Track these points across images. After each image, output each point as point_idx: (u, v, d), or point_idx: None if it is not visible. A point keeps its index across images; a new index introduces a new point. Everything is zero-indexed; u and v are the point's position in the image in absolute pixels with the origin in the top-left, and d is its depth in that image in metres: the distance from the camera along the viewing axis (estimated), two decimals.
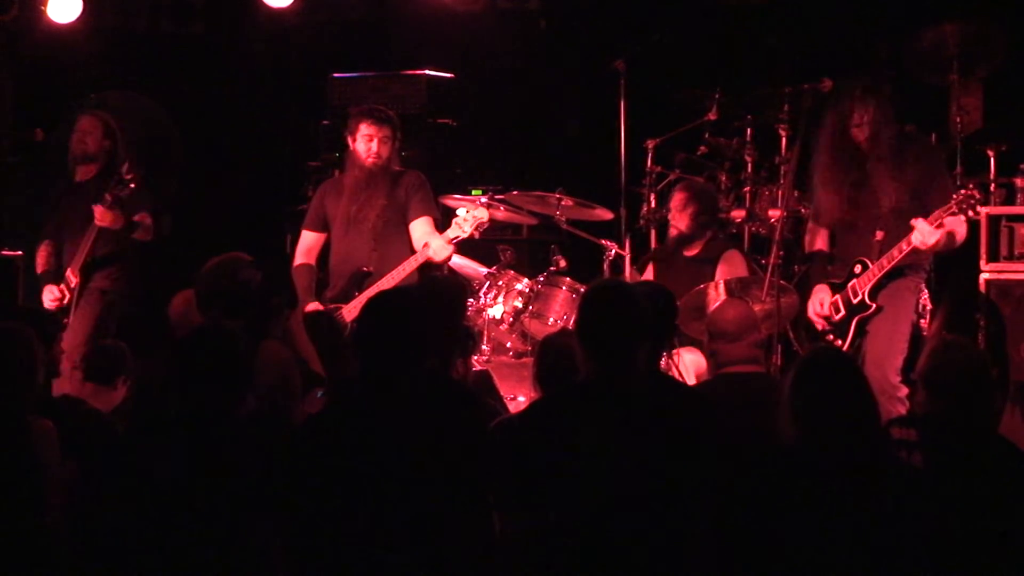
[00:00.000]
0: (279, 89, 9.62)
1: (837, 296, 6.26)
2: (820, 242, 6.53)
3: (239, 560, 4.18)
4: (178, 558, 4.15)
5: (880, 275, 6.12)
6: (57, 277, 7.36)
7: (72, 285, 7.26)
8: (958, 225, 6.06)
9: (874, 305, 6.14)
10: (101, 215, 7.18)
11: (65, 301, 7.25)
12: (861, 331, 6.19)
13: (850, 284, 6.21)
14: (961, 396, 4.26)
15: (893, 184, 6.14)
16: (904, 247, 6.02)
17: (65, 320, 7.10)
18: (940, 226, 5.94)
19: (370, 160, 6.99)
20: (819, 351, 4.39)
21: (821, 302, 6.30)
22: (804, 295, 6.58)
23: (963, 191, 5.93)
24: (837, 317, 6.25)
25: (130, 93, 9.38)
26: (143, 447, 4.33)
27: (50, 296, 7.30)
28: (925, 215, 5.98)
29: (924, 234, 5.93)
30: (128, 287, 7.49)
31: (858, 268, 6.20)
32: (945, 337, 4.63)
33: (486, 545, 4.17)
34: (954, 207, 5.90)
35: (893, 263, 6.09)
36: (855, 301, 6.19)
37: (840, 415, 3.96)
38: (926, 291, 6.96)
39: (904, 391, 6.03)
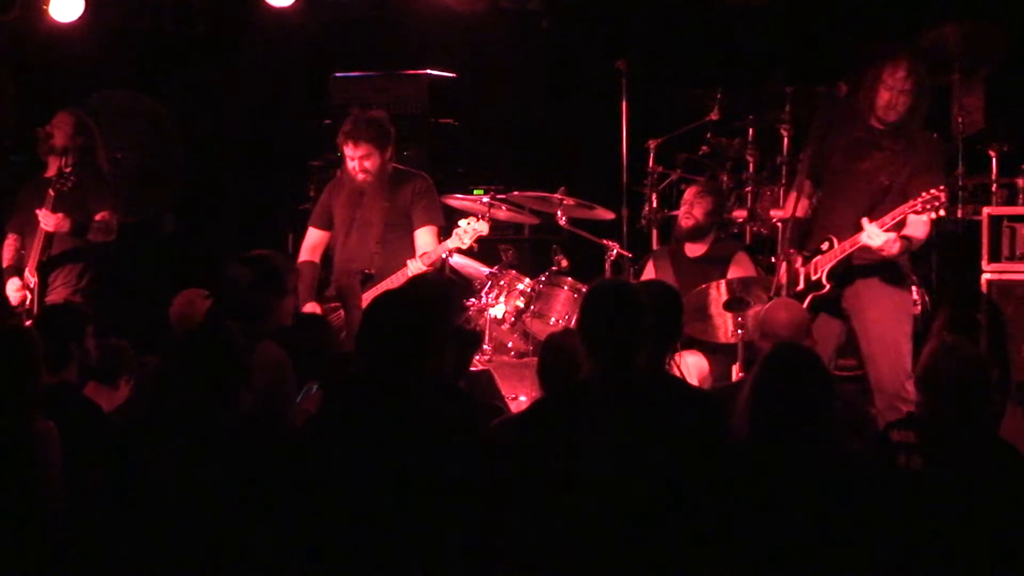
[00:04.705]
0: (281, 88, 9.63)
1: (803, 268, 6.21)
2: (799, 209, 6.39)
3: (237, 559, 4.18)
4: (177, 557, 4.16)
5: (839, 258, 6.05)
6: (21, 272, 7.36)
7: (31, 285, 7.26)
8: (918, 229, 6.00)
9: (829, 286, 6.08)
10: (45, 219, 7.21)
11: (27, 302, 7.25)
12: (812, 311, 6.09)
13: (814, 260, 6.16)
14: (960, 398, 4.27)
15: (896, 167, 6.08)
16: (856, 240, 5.96)
17: (28, 322, 7.08)
18: (901, 226, 5.88)
19: (360, 178, 7.05)
20: (781, 348, 4.40)
21: (785, 266, 6.23)
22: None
23: (931, 191, 5.84)
24: (795, 289, 6.19)
25: (132, 92, 9.45)
26: (141, 446, 4.32)
27: (13, 287, 7.30)
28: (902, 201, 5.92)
29: (871, 236, 5.88)
30: (94, 288, 7.47)
31: (825, 245, 6.13)
32: (944, 339, 4.61)
33: (485, 545, 4.17)
34: (918, 205, 5.82)
35: (846, 252, 6.02)
36: (813, 278, 6.14)
37: (796, 411, 4.01)
38: (915, 290, 6.89)
39: None
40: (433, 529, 4.11)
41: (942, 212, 5.84)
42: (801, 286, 6.19)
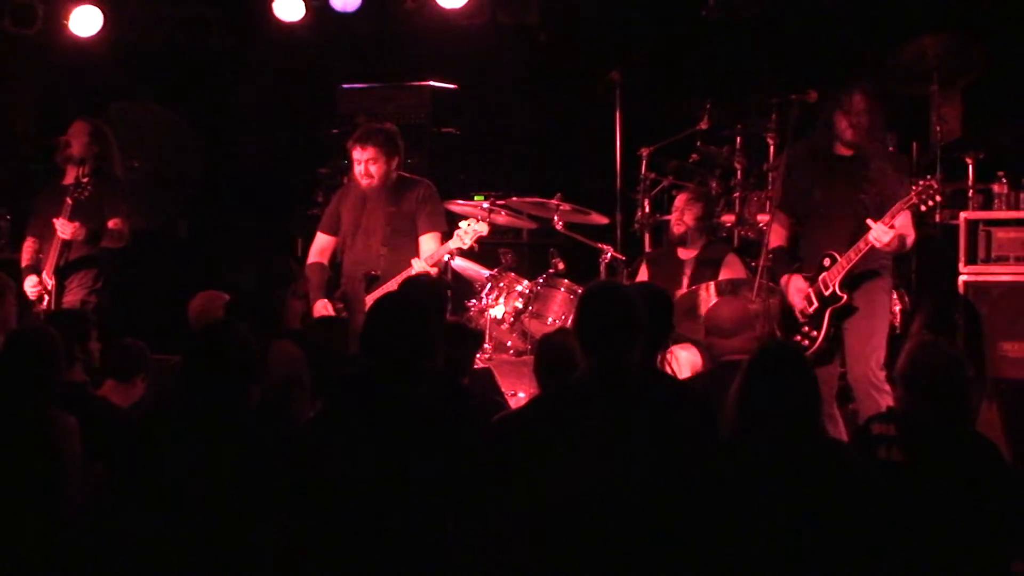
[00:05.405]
0: (290, 99, 9.67)
1: (810, 289, 6.34)
2: (778, 239, 6.58)
3: (248, 554, 4.22)
4: (190, 551, 4.20)
5: (847, 268, 6.21)
6: (38, 271, 7.47)
7: (49, 287, 7.37)
8: (908, 230, 6.22)
9: (845, 296, 6.24)
10: (62, 228, 7.32)
11: (44, 302, 7.35)
12: (836, 322, 6.29)
13: (820, 277, 6.29)
14: (938, 394, 4.36)
15: (870, 183, 6.28)
16: (862, 246, 6.14)
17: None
18: (894, 225, 6.09)
19: (364, 182, 7.14)
20: (769, 348, 4.50)
21: (798, 291, 6.41)
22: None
23: (922, 182, 6.03)
24: (811, 309, 6.33)
25: (148, 103, 9.55)
26: (156, 442, 4.36)
27: (31, 283, 7.40)
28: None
29: (879, 232, 6.06)
30: (109, 292, 7.57)
31: (827, 261, 6.27)
32: (923, 337, 4.67)
33: (484, 540, 4.23)
34: (914, 198, 6.01)
35: (854, 260, 6.19)
36: (826, 293, 6.26)
37: (780, 410, 4.09)
38: (895, 293, 7.05)
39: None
40: (434, 523, 4.15)
41: (938, 198, 5.97)
42: (816, 304, 6.31)
